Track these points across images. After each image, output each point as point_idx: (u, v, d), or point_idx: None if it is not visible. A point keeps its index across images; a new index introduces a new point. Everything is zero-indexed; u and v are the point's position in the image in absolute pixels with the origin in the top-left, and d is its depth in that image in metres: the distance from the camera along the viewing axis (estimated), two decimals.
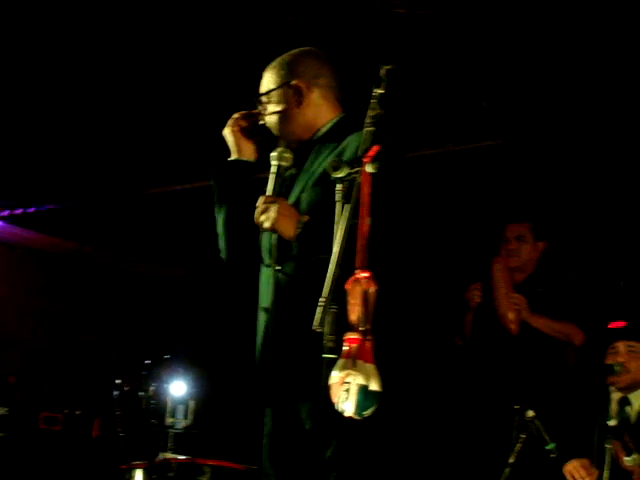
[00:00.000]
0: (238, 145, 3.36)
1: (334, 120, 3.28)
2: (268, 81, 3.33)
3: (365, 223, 2.37)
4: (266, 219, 2.99)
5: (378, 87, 2.53)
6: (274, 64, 3.36)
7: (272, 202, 3.00)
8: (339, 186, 2.42)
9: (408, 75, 4.90)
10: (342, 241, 2.34)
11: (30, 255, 8.58)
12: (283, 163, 3.15)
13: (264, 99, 3.31)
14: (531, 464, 4.73)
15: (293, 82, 3.26)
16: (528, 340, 5.21)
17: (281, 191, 3.17)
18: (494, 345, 5.33)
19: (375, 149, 2.42)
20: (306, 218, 2.98)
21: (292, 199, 3.16)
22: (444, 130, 5.77)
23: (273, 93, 3.29)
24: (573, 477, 4.53)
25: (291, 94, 3.26)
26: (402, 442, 3.03)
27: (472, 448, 5.54)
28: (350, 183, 2.40)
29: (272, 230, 3.00)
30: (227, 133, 3.40)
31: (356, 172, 2.39)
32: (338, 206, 2.41)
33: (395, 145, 2.97)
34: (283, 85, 3.27)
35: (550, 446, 4.44)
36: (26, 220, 8.00)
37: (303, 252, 2.99)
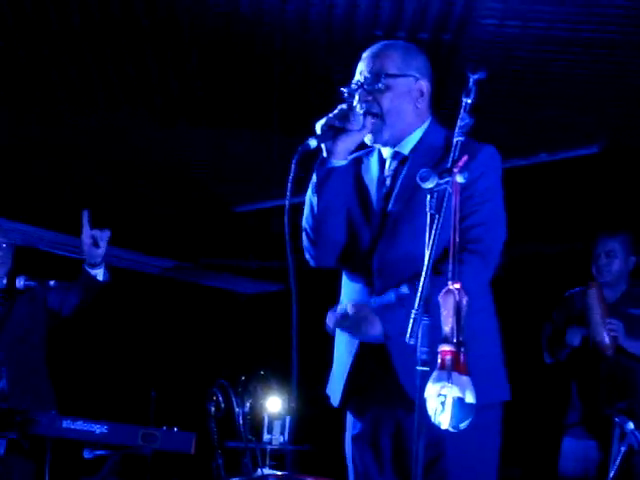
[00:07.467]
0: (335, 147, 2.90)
1: (424, 126, 3.01)
2: (391, 63, 2.96)
3: (456, 234, 2.35)
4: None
5: (467, 96, 2.50)
6: (396, 48, 3.01)
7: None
8: (429, 197, 2.38)
9: (498, 84, 4.88)
10: (431, 252, 2.32)
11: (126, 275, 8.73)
12: None
13: (385, 81, 2.94)
14: (632, 478, 4.65)
15: (421, 81, 2.98)
16: (623, 361, 5.13)
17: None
18: (589, 364, 5.25)
19: (464, 159, 2.39)
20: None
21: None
22: (536, 139, 5.72)
23: (396, 80, 2.95)
24: None
25: (415, 90, 2.97)
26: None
27: (573, 461, 5.46)
28: (439, 194, 2.37)
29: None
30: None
31: (446, 182, 2.36)
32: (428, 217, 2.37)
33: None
34: (411, 77, 2.96)
35: None
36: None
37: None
